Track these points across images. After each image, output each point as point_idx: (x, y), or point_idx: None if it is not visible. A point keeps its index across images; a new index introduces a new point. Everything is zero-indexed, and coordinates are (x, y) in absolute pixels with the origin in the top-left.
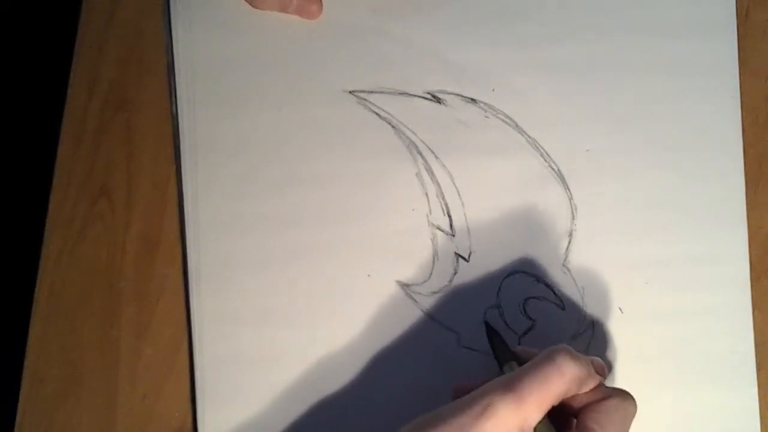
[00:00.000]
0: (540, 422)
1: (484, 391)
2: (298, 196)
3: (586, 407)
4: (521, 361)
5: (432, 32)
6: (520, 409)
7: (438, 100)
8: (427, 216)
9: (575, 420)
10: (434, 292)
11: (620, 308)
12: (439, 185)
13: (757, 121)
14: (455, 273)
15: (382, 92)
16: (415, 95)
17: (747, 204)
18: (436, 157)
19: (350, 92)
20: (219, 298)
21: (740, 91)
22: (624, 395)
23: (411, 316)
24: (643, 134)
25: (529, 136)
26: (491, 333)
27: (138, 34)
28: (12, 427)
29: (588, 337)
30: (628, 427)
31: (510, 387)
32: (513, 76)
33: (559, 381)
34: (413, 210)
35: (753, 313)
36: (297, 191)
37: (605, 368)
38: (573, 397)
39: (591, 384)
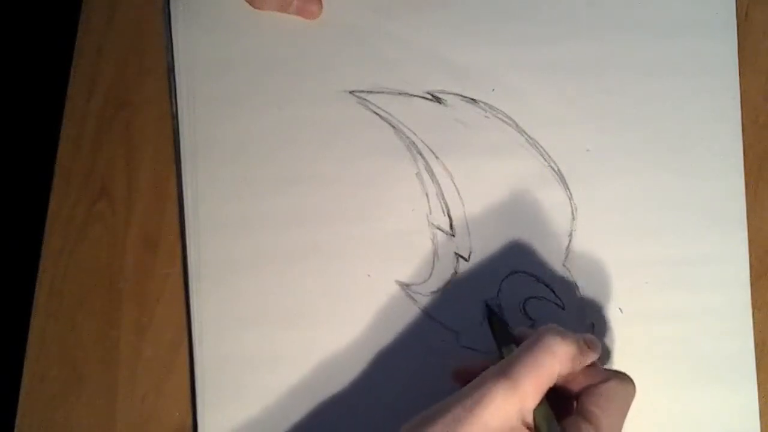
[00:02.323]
0: (538, 406)
1: (479, 381)
2: (298, 196)
3: (586, 390)
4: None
5: (432, 32)
6: (517, 394)
7: (438, 100)
8: (427, 216)
9: (576, 403)
10: (434, 292)
11: (620, 308)
12: (439, 185)
13: (757, 121)
14: (455, 273)
15: (382, 92)
16: (415, 95)
17: (747, 204)
18: (436, 157)
19: (350, 92)
20: (219, 298)
21: (740, 91)
22: (623, 377)
23: (411, 316)
24: (643, 134)
25: (529, 136)
26: (491, 314)
27: (138, 34)
28: (12, 427)
29: None
30: (628, 408)
31: (504, 373)
32: (513, 76)
33: (552, 361)
34: (413, 210)
35: (753, 313)
36: (297, 191)
37: (597, 344)
38: (572, 380)
39: (585, 361)
